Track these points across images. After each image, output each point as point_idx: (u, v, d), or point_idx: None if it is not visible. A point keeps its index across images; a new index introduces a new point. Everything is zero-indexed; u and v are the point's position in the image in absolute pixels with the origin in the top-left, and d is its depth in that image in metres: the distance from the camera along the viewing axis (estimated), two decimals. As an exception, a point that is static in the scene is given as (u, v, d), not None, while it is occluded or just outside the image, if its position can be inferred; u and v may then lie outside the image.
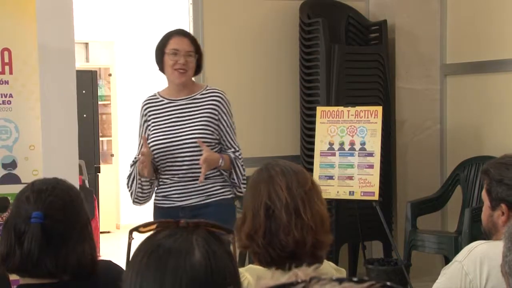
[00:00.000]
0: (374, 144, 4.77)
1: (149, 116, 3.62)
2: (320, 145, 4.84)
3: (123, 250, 1.42)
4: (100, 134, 8.03)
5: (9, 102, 3.30)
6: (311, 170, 4.65)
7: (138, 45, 8.68)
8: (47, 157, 3.32)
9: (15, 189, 2.01)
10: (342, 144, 4.82)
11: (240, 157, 3.57)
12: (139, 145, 3.67)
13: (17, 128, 3.30)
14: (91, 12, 8.13)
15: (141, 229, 1.38)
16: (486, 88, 5.25)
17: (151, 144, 3.54)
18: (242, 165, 3.57)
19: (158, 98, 3.65)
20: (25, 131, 3.31)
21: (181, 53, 3.51)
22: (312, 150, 4.92)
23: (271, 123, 5.42)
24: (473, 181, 5.03)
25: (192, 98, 3.56)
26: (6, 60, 3.27)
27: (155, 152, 3.53)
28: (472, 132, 5.36)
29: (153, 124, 3.58)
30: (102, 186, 7.85)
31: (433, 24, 5.55)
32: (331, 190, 4.73)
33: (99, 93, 8.03)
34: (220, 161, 3.45)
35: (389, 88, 5.35)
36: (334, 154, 4.83)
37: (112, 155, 8.66)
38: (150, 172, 3.51)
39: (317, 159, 4.84)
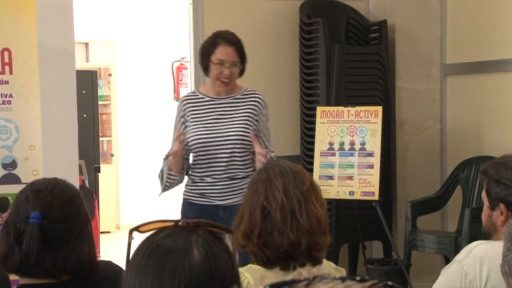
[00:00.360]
0: (374, 144, 4.77)
1: (188, 112, 3.63)
2: (320, 145, 4.84)
3: (123, 250, 1.42)
4: (100, 134, 8.03)
5: (9, 102, 3.30)
6: (311, 170, 4.65)
7: (138, 45, 8.69)
8: (47, 157, 3.32)
9: (15, 189, 2.01)
10: (342, 144, 4.82)
11: (273, 155, 3.63)
12: (172, 142, 3.68)
13: (17, 128, 3.31)
14: (91, 12, 8.13)
15: (141, 229, 1.38)
16: (486, 88, 5.25)
17: (191, 140, 3.56)
18: None
19: (198, 96, 3.67)
20: (25, 131, 3.31)
21: (226, 65, 3.54)
22: (312, 150, 4.92)
23: (271, 123, 5.41)
24: (473, 181, 5.03)
25: (233, 97, 3.61)
26: (6, 60, 3.28)
27: (194, 148, 3.57)
28: (472, 132, 5.35)
29: (192, 121, 3.60)
30: (102, 186, 7.85)
31: (433, 24, 5.55)
32: (331, 190, 4.73)
33: (99, 93, 8.03)
34: (268, 156, 3.50)
35: (389, 88, 5.35)
36: (334, 154, 4.83)
37: (112, 155, 8.66)
38: (179, 168, 3.56)
39: (317, 159, 4.84)
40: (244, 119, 3.57)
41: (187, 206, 3.67)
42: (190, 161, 3.69)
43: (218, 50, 3.57)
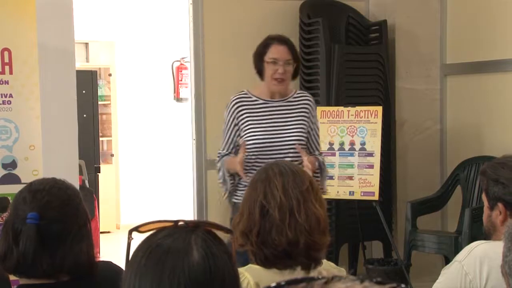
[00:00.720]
0: (374, 144, 4.77)
1: (242, 114, 3.62)
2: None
3: (123, 250, 1.42)
4: (100, 134, 8.03)
5: (9, 102, 3.30)
6: (311, 170, 4.65)
7: (138, 45, 8.69)
8: (47, 157, 3.32)
9: (15, 189, 2.01)
10: (342, 144, 4.82)
11: (324, 161, 3.68)
12: (227, 141, 3.65)
13: (17, 128, 3.31)
14: (91, 12, 8.13)
15: (141, 229, 1.38)
16: (486, 88, 5.25)
17: (248, 142, 3.55)
18: (327, 169, 3.71)
19: (251, 97, 3.66)
20: (25, 131, 3.31)
21: (280, 63, 3.55)
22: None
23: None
24: (473, 181, 5.03)
25: (287, 100, 3.63)
26: (6, 60, 3.28)
27: (252, 151, 3.55)
28: (472, 132, 5.35)
29: (248, 124, 3.59)
30: (102, 186, 7.85)
31: (433, 24, 5.55)
32: (331, 190, 4.73)
33: (99, 93, 8.02)
34: (317, 163, 3.54)
35: (389, 88, 5.35)
36: (334, 154, 4.83)
37: (112, 155, 8.66)
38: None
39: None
40: (299, 123, 3.59)
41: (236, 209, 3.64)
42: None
43: (271, 49, 3.59)
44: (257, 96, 3.66)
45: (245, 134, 3.58)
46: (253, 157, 3.56)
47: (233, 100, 3.65)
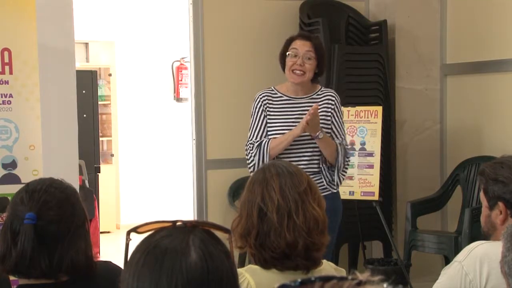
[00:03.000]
0: (374, 144, 4.77)
1: (269, 109, 3.71)
2: (320, 145, 4.83)
3: (123, 250, 1.42)
4: (100, 134, 8.02)
5: (9, 102, 3.30)
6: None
7: (138, 45, 8.69)
8: (47, 157, 3.32)
9: (15, 189, 2.01)
10: (342, 144, 4.81)
11: (346, 146, 3.69)
12: (258, 129, 3.70)
13: (17, 128, 3.31)
14: (91, 12, 8.13)
15: (139, 229, 1.38)
16: (486, 88, 5.25)
17: (273, 137, 3.64)
18: (345, 155, 3.66)
19: (277, 94, 3.74)
20: (25, 131, 3.31)
21: (299, 54, 3.61)
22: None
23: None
24: (473, 181, 5.03)
25: (310, 97, 3.69)
26: (6, 60, 3.28)
27: None
28: (472, 132, 5.35)
29: (273, 119, 3.66)
30: (102, 186, 7.84)
31: (433, 24, 5.55)
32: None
33: (99, 93, 8.02)
34: (319, 132, 3.52)
35: (389, 88, 5.34)
36: (334, 154, 4.82)
37: (112, 155, 8.66)
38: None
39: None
40: (322, 119, 3.62)
41: None
42: None
43: (294, 43, 3.67)
44: (282, 93, 3.74)
45: (269, 129, 3.64)
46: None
47: (261, 94, 3.74)
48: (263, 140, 3.67)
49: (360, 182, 4.77)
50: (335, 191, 3.72)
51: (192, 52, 5.26)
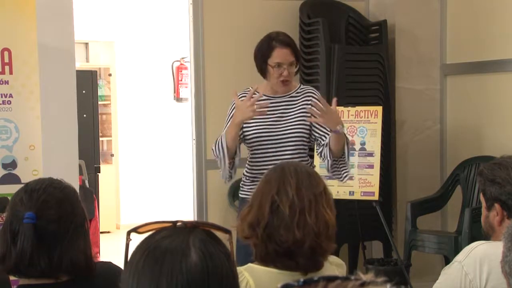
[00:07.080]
0: (374, 144, 4.77)
1: None
2: (320, 145, 4.84)
3: (123, 250, 1.42)
4: (100, 134, 8.03)
5: (9, 102, 3.30)
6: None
7: (138, 45, 8.69)
8: (47, 157, 3.32)
9: (15, 189, 2.01)
10: (342, 144, 4.81)
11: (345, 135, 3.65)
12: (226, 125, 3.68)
13: (17, 128, 3.31)
14: (91, 12, 8.13)
15: (139, 230, 1.38)
16: (486, 88, 5.25)
17: (251, 136, 3.62)
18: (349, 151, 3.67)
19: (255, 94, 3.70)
20: (25, 131, 3.31)
21: (284, 66, 3.62)
22: (312, 150, 4.91)
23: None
24: (473, 181, 5.03)
25: (289, 96, 3.69)
26: (6, 60, 3.28)
27: (254, 144, 3.63)
28: (472, 132, 5.35)
29: (252, 118, 3.62)
30: (102, 186, 7.85)
31: (433, 24, 5.55)
32: (331, 190, 4.72)
33: (99, 93, 8.02)
34: (339, 126, 3.49)
35: (389, 88, 5.34)
36: (334, 154, 4.82)
37: (112, 155, 8.66)
38: (235, 145, 3.54)
39: (317, 159, 4.84)
40: (300, 118, 3.63)
41: (246, 204, 3.66)
42: (241, 156, 3.68)
43: (275, 53, 3.63)
44: (262, 93, 3.70)
45: (249, 127, 3.62)
46: (255, 152, 3.63)
47: (239, 96, 3.71)
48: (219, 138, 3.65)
49: (360, 182, 4.77)
50: None
51: (192, 52, 5.26)
